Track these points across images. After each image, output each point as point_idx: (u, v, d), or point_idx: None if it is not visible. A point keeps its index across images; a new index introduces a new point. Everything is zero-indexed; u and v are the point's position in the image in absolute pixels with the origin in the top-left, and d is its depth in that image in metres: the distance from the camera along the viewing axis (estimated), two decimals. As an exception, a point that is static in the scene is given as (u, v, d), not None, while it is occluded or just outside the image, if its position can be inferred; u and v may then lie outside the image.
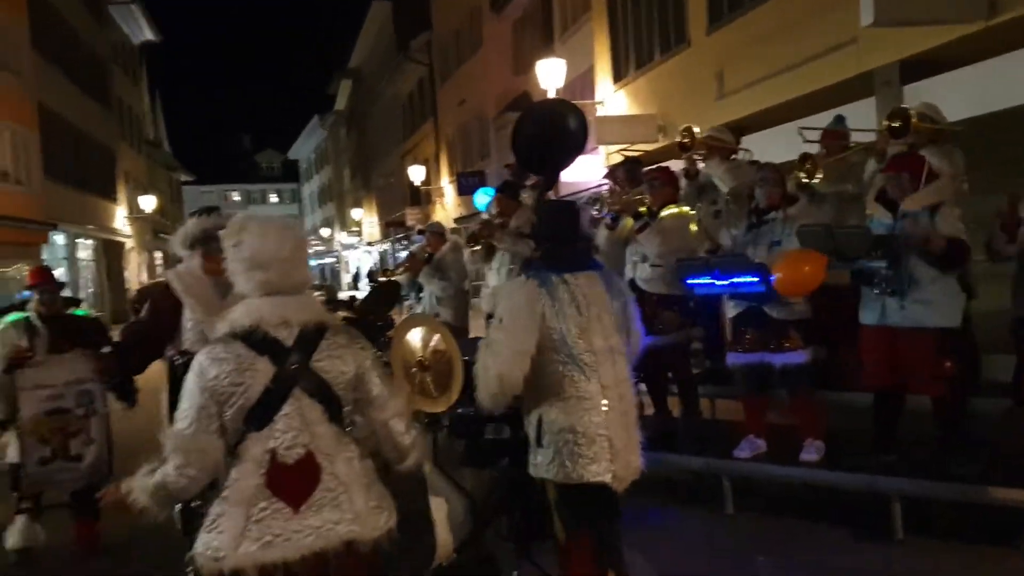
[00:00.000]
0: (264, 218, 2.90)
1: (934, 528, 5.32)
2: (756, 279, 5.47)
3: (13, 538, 5.81)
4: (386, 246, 44.40)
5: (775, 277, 5.23)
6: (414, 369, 4.20)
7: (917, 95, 8.92)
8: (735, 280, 5.57)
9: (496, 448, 4.28)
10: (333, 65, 56.51)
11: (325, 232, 65.69)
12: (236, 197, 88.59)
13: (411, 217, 33.28)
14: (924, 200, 5.26)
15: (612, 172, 7.90)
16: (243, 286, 2.80)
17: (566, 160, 7.95)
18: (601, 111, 16.39)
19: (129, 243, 37.50)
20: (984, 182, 7.16)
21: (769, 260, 5.53)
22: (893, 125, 5.87)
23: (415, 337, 4.23)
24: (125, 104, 38.78)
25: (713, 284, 5.64)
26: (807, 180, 6.46)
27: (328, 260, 67.55)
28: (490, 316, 7.38)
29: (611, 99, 16.31)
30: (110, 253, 33.91)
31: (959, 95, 8.22)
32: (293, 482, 2.68)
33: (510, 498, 4.33)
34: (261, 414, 2.68)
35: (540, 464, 3.69)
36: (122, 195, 36.42)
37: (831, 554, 5.18)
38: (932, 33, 8.47)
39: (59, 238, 27.81)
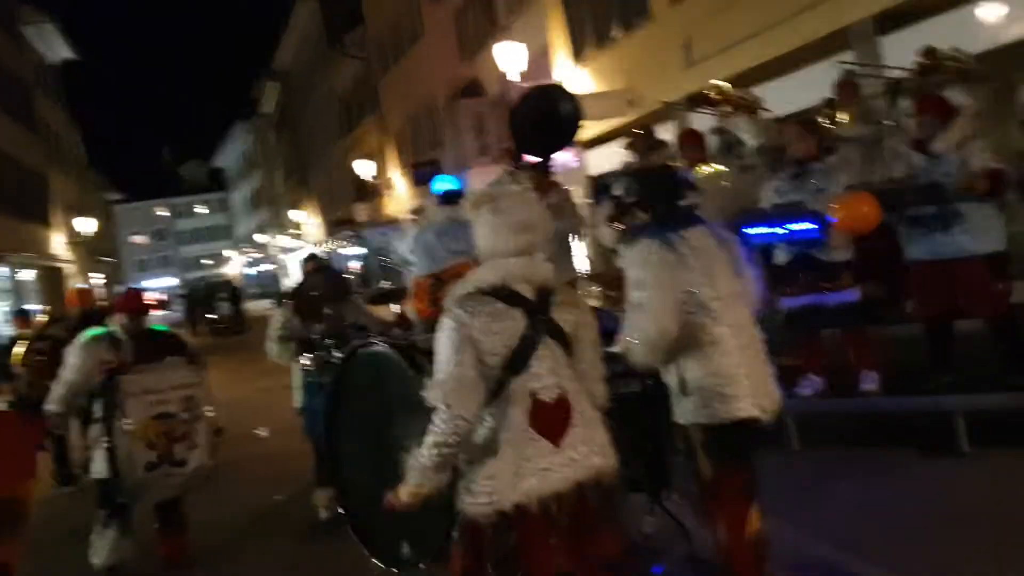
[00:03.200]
0: (506, 189, 3.26)
1: (998, 439, 5.62)
2: (814, 225, 5.82)
3: (101, 554, 5.78)
4: (333, 245, 44.00)
5: (836, 219, 5.59)
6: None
7: (894, 46, 9.42)
8: (791, 227, 5.91)
9: (625, 401, 4.52)
10: (254, 70, 55.87)
11: (261, 238, 64.82)
12: (163, 212, 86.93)
13: (361, 212, 33.13)
14: (951, 139, 5.67)
15: (631, 143, 8.20)
16: (504, 245, 3.06)
17: (563, 142, 8.26)
18: (563, 89, 16.67)
19: (67, 268, 36.57)
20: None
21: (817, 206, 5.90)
22: (923, 63, 6.25)
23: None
24: (51, 127, 37.73)
25: (771, 233, 5.96)
26: (829, 124, 6.83)
27: (267, 266, 66.68)
28: None
29: (573, 77, 16.58)
30: (52, 280, 33.06)
31: (936, 43, 8.70)
32: (553, 419, 2.98)
33: (639, 449, 4.60)
34: (521, 358, 2.97)
35: (688, 410, 3.91)
36: (57, 220, 35.50)
37: (900, 474, 5.49)
38: (906, -16, 8.96)
39: (2, 270, 27.06)
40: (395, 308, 7.07)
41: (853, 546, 4.56)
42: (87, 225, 35.89)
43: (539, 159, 7.69)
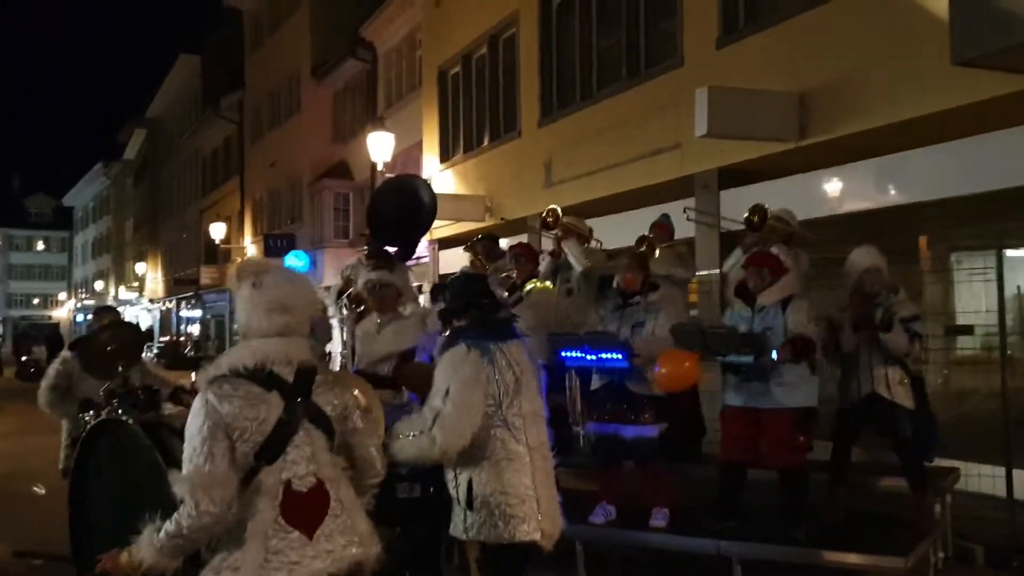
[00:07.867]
0: (280, 265, 3.09)
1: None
2: (620, 356, 5.95)
3: None
4: (171, 304, 42.35)
5: (660, 371, 5.74)
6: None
7: (732, 200, 9.99)
8: (602, 355, 6.03)
9: (408, 507, 4.40)
10: (125, 113, 54.33)
11: (99, 285, 61.80)
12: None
13: (206, 275, 32.14)
14: (776, 294, 5.97)
15: (472, 247, 8.27)
16: (258, 324, 2.90)
17: (420, 232, 8.31)
18: (427, 187, 16.89)
19: None
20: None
21: (633, 340, 6.06)
22: (752, 219, 6.60)
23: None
24: None
25: (583, 358, 6.05)
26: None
27: (99, 315, 63.26)
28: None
29: (437, 177, 16.81)
30: None
31: (769, 203, 9.28)
32: (306, 510, 2.81)
33: (419, 557, 4.46)
34: (274, 446, 2.80)
35: (471, 525, 3.82)
36: None
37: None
38: (749, 147, 9.55)
39: None
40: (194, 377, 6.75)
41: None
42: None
43: (395, 246, 7.65)
